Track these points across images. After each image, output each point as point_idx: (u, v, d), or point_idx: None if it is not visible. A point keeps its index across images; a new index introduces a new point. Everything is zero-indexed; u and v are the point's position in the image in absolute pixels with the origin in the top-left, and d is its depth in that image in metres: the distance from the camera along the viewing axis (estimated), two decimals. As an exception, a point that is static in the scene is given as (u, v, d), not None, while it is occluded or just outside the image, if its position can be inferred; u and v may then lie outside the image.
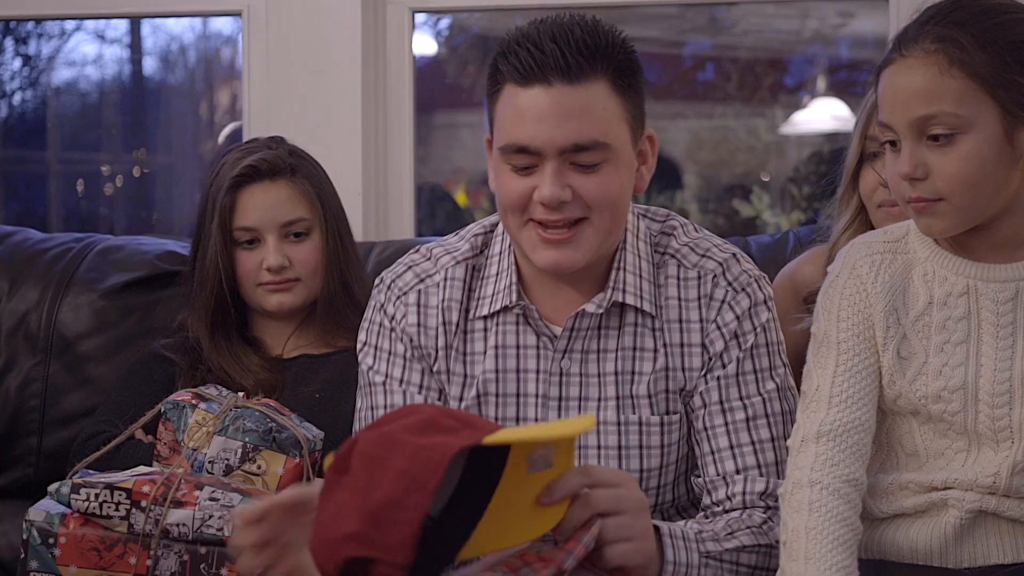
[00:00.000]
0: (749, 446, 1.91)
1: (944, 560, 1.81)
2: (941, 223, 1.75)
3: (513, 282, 1.93)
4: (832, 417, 1.78)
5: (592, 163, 1.83)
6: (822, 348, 1.83)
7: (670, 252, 1.98)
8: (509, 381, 1.95)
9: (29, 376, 2.66)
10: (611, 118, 1.84)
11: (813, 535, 1.72)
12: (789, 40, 6.74)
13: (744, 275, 1.96)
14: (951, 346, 1.78)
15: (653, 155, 1.95)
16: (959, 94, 1.69)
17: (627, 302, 1.91)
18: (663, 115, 6.84)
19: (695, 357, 1.93)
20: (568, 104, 1.81)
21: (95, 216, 6.18)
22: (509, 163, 1.86)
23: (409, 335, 1.97)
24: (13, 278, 2.73)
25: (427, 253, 2.02)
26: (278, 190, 2.36)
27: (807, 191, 6.34)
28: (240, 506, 1.70)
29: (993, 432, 1.77)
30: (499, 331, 1.95)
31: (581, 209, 1.84)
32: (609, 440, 1.93)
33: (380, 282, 2.03)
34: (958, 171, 1.70)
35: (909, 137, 1.73)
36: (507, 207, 1.88)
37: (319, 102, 3.06)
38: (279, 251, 2.35)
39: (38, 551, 1.91)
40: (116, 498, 1.90)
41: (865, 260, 1.83)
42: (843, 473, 1.76)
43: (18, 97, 6.31)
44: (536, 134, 1.82)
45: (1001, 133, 1.70)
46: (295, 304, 2.37)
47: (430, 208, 5.32)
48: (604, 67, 1.83)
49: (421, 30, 5.69)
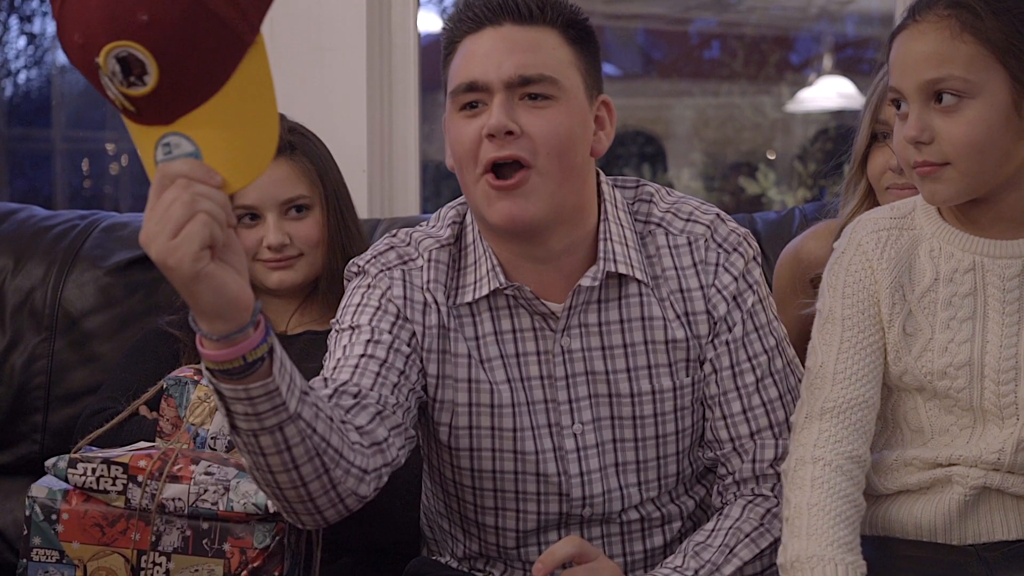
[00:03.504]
0: (760, 407, 1.93)
1: (948, 536, 1.81)
2: (946, 189, 1.74)
3: (495, 264, 1.90)
4: (836, 394, 1.78)
5: (540, 95, 1.82)
6: (827, 325, 1.83)
7: (654, 221, 1.97)
8: (511, 367, 1.93)
9: (34, 353, 2.67)
10: (561, 59, 1.85)
11: (815, 511, 1.72)
12: (795, 18, 6.72)
13: (732, 235, 1.96)
14: (957, 322, 1.78)
15: (611, 122, 1.94)
16: (969, 59, 1.70)
17: (620, 271, 1.90)
18: (669, 93, 6.82)
19: (702, 324, 1.94)
20: (516, 39, 1.84)
21: (100, 194, 6.18)
22: (459, 107, 1.86)
23: (396, 305, 1.91)
24: (18, 255, 2.73)
25: (406, 238, 1.97)
26: (278, 168, 2.36)
27: (813, 168, 6.33)
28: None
29: (998, 408, 1.77)
30: (493, 316, 1.93)
31: (528, 151, 1.81)
32: (623, 411, 1.93)
33: (354, 266, 1.97)
34: (965, 135, 1.70)
35: (917, 100, 1.72)
36: (460, 157, 1.86)
37: (324, 79, 3.06)
38: (279, 229, 2.35)
39: (41, 527, 1.92)
40: (113, 473, 1.90)
41: (871, 236, 1.83)
42: (846, 450, 1.76)
43: (23, 76, 6.31)
44: (484, 68, 1.83)
45: (1010, 102, 1.70)
46: (295, 281, 2.37)
47: (435, 185, 5.32)
48: (554, 17, 1.85)
49: (426, 7, 5.68)
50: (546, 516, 1.96)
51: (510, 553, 1.99)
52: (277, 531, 1.89)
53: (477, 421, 1.92)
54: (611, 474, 1.94)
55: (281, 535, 1.90)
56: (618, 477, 1.94)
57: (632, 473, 1.95)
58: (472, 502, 1.97)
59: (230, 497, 1.88)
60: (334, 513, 1.69)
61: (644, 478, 1.95)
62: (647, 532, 1.98)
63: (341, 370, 1.83)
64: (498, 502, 1.96)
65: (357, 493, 1.68)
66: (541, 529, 1.97)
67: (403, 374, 1.85)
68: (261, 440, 1.56)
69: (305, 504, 1.66)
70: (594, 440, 1.93)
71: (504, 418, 1.92)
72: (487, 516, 1.98)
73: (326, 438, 1.61)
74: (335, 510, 1.68)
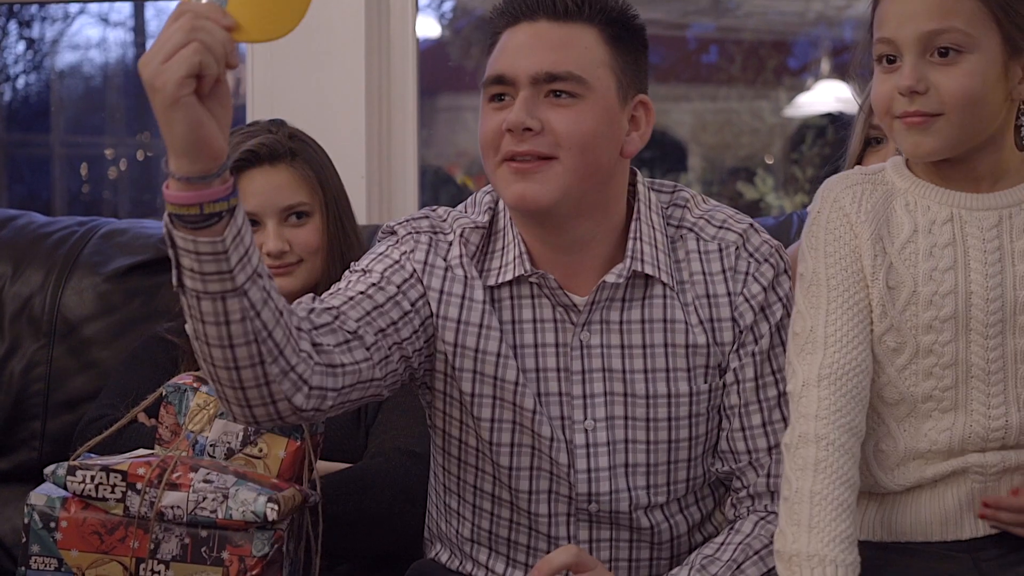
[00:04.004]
0: (781, 422, 1.92)
1: (960, 530, 1.81)
2: (933, 141, 1.74)
3: (523, 251, 1.91)
4: (830, 359, 1.77)
5: (565, 92, 1.84)
6: (811, 288, 1.81)
7: (686, 226, 1.97)
8: (527, 357, 1.93)
9: (33, 360, 2.67)
10: (593, 58, 1.86)
11: (817, 500, 1.72)
12: (793, 22, 6.72)
13: (765, 245, 1.96)
14: (939, 273, 1.77)
15: (647, 124, 1.94)
16: (970, 14, 1.71)
17: (646, 272, 1.91)
18: (667, 97, 6.83)
19: (726, 332, 1.93)
20: (548, 37, 1.85)
21: (99, 199, 6.18)
22: (488, 98, 1.88)
23: (414, 266, 1.92)
24: (17, 262, 2.74)
25: (444, 214, 1.99)
26: (278, 175, 2.36)
27: (811, 173, 6.33)
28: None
29: (986, 363, 1.77)
30: (514, 304, 1.94)
31: (549, 146, 1.83)
32: (637, 412, 1.93)
33: (386, 226, 1.99)
34: (962, 86, 1.71)
35: (914, 51, 1.73)
36: (483, 145, 1.88)
37: (323, 85, 3.06)
38: (279, 236, 2.35)
39: (39, 535, 1.92)
40: (112, 480, 1.90)
41: (846, 192, 1.83)
42: (845, 421, 1.75)
43: (22, 81, 6.31)
44: (513, 63, 1.85)
45: (1000, 62, 1.73)
46: (295, 288, 2.37)
47: (434, 191, 5.33)
48: (592, 15, 1.87)
49: (424, 13, 5.68)
50: (556, 497, 1.95)
51: (519, 535, 1.99)
52: (276, 539, 1.89)
53: (501, 393, 1.92)
54: (620, 474, 1.94)
55: (280, 543, 1.90)
56: (627, 478, 1.94)
57: (642, 476, 1.94)
58: (491, 473, 1.97)
59: (229, 505, 1.88)
60: (264, 413, 1.69)
61: (653, 482, 1.95)
62: (656, 540, 1.97)
63: (335, 296, 1.85)
64: (513, 480, 1.95)
65: (292, 401, 1.68)
66: (552, 517, 1.96)
67: (394, 325, 1.86)
68: (203, 305, 1.58)
69: (236, 391, 1.65)
70: (605, 438, 1.93)
71: (527, 398, 1.91)
72: (502, 491, 1.97)
73: (268, 327, 1.62)
74: (266, 410, 1.68)
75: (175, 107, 1.48)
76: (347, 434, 2.31)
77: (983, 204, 1.79)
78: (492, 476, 1.97)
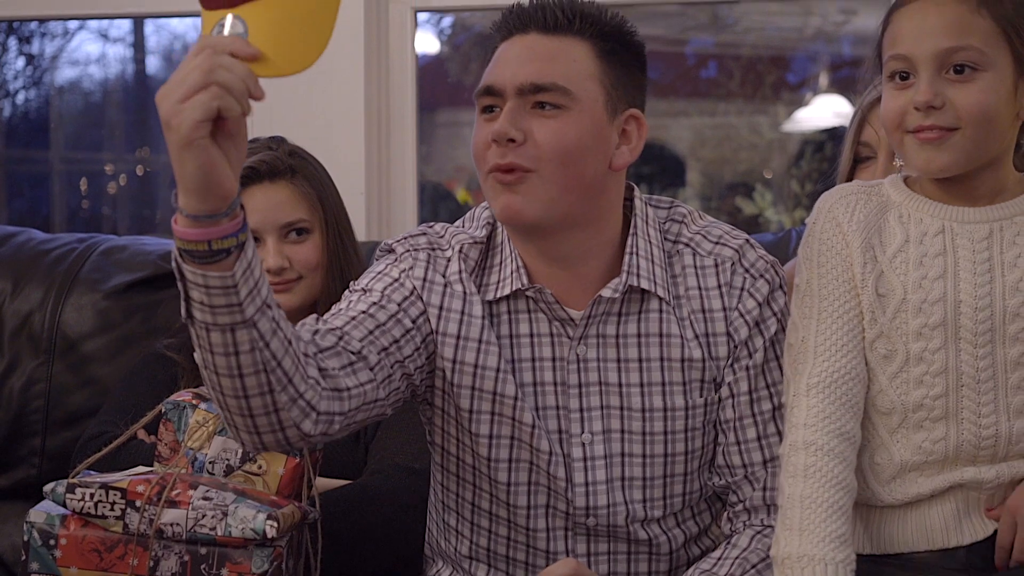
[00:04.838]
0: (776, 436, 1.93)
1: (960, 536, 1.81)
2: (946, 157, 1.76)
3: (520, 265, 1.92)
4: (819, 368, 1.79)
5: (549, 103, 1.85)
6: (805, 298, 1.84)
7: (683, 241, 1.98)
8: (524, 371, 1.93)
9: (32, 377, 2.67)
10: (581, 71, 1.87)
11: (807, 503, 1.74)
12: (791, 37, 6.73)
13: (760, 261, 1.97)
14: (929, 282, 1.79)
15: (639, 138, 1.94)
16: (986, 34, 1.74)
17: (643, 287, 1.91)
18: (666, 113, 6.84)
19: (720, 346, 1.94)
20: (537, 49, 1.87)
21: (98, 215, 6.19)
22: (480, 109, 1.90)
23: (414, 284, 1.93)
24: (17, 278, 2.74)
25: (441, 231, 2.00)
26: (278, 192, 2.36)
27: (809, 188, 6.34)
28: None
29: (976, 372, 1.78)
30: (511, 319, 1.94)
31: (530, 159, 1.84)
32: (633, 426, 1.93)
33: (385, 245, 1.99)
34: (979, 102, 1.74)
35: (930, 68, 1.75)
36: (474, 155, 1.90)
37: (322, 101, 3.07)
38: (279, 253, 2.35)
39: (39, 553, 1.92)
40: (111, 498, 1.90)
41: (840, 202, 1.85)
42: (836, 427, 1.76)
43: (22, 96, 6.32)
44: (501, 74, 1.87)
45: (1012, 81, 1.76)
46: (294, 305, 2.37)
47: (433, 207, 5.33)
48: (584, 28, 1.88)
49: (423, 28, 5.69)
50: (554, 512, 1.95)
51: (517, 552, 1.99)
52: (275, 556, 1.89)
53: (499, 408, 1.92)
54: (616, 488, 1.94)
55: (279, 560, 1.90)
56: (623, 492, 1.94)
57: (638, 489, 1.95)
58: (488, 491, 1.97)
59: (228, 522, 1.88)
60: (273, 440, 1.68)
61: (650, 495, 1.95)
62: (653, 553, 1.98)
63: (337, 316, 1.85)
64: (511, 496, 1.95)
65: (300, 428, 1.68)
66: (550, 532, 1.96)
67: (396, 343, 1.86)
68: (212, 336, 1.58)
69: (245, 419, 1.65)
70: (602, 452, 1.94)
71: (525, 412, 1.92)
72: (500, 508, 1.97)
73: (278, 357, 1.62)
74: (275, 436, 1.68)
75: (189, 148, 1.47)
76: (346, 451, 2.31)
77: (975, 217, 1.81)
78: (489, 493, 1.97)
